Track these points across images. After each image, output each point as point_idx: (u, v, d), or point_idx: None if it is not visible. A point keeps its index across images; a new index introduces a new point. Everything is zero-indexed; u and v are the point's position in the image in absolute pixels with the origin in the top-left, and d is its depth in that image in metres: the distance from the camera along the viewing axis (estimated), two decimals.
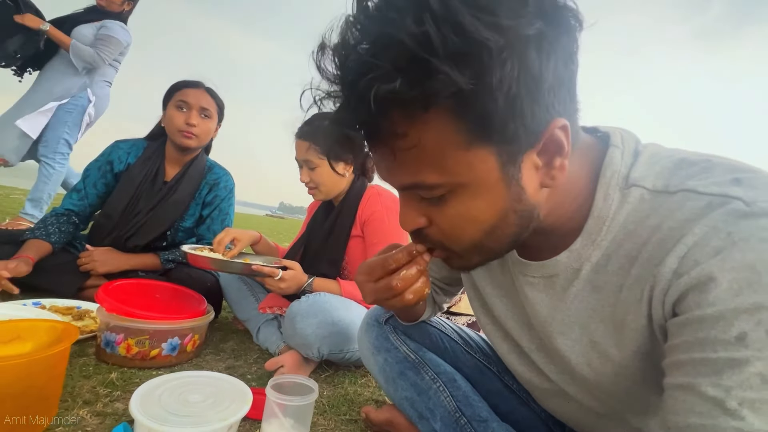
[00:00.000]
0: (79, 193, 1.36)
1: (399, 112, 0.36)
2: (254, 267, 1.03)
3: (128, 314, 0.92)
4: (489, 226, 0.41)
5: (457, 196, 0.40)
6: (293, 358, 1.00)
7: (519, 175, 0.39)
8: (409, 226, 0.45)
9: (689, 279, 0.34)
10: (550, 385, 0.56)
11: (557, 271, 0.47)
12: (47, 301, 1.15)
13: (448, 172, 0.38)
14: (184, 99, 1.34)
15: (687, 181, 0.38)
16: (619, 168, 0.43)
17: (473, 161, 0.37)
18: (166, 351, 0.95)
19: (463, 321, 1.76)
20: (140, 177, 1.36)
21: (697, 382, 0.33)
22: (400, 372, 0.77)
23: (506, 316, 0.58)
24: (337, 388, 1.00)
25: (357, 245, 1.21)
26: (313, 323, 0.97)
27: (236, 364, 1.06)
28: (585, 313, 0.46)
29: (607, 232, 0.43)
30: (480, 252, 0.44)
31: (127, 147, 1.41)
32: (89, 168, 1.38)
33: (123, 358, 0.91)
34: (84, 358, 0.93)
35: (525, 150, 0.38)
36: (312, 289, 1.11)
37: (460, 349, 0.81)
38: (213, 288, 1.31)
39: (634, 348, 0.42)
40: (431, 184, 0.39)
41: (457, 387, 0.72)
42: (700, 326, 0.33)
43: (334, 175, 1.20)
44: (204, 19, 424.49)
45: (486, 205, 0.40)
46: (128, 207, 1.35)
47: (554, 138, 0.38)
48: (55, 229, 1.27)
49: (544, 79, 0.35)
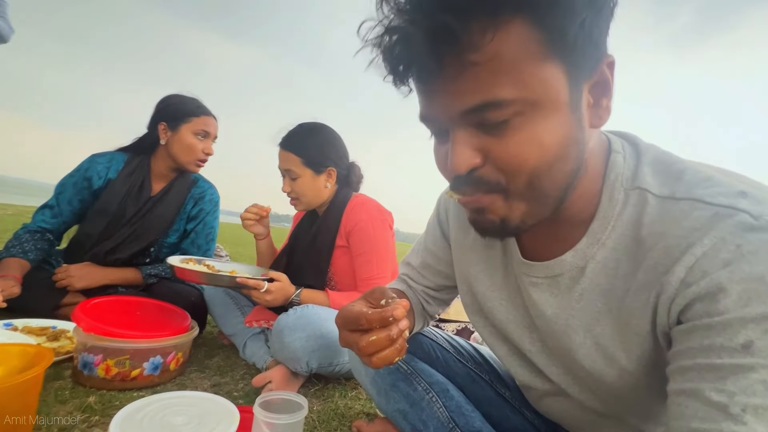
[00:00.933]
0: (52, 210, 1.30)
1: (478, 21, 0.35)
2: (239, 280, 1.00)
3: (107, 333, 0.88)
4: (553, 155, 0.39)
5: (524, 118, 0.37)
6: (281, 373, 0.98)
7: (581, 102, 0.39)
8: (464, 166, 0.40)
9: (698, 288, 0.35)
10: (551, 386, 0.56)
11: (562, 270, 0.48)
12: (19, 322, 1.09)
13: (523, 85, 0.36)
14: (206, 129, 1.35)
15: (693, 189, 0.39)
16: (622, 170, 0.44)
17: (547, 77, 0.37)
18: (147, 371, 0.91)
19: (453, 328, 1.76)
20: (123, 191, 1.31)
21: (701, 388, 0.33)
22: (392, 384, 0.75)
23: (507, 320, 0.57)
24: (327, 403, 0.98)
25: (342, 255, 1.19)
26: (301, 337, 0.95)
27: (222, 381, 1.02)
28: (590, 316, 0.46)
29: (612, 230, 0.44)
30: (531, 194, 0.41)
31: (106, 161, 1.35)
32: (64, 184, 1.32)
33: (102, 380, 0.87)
34: (60, 382, 0.88)
35: (585, 78, 0.39)
36: (300, 301, 1.08)
37: (452, 358, 0.80)
38: (197, 302, 1.27)
39: (639, 353, 0.43)
40: (505, 99, 0.36)
41: (450, 397, 0.71)
42: (706, 333, 0.34)
43: (316, 186, 1.19)
44: (186, 26, 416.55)
45: (553, 127, 0.38)
46: (111, 223, 1.30)
47: (604, 74, 0.40)
48: (31, 247, 1.22)
49: (606, 10, 0.37)
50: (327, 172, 1.20)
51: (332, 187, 1.23)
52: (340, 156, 1.23)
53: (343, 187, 1.26)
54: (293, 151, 1.17)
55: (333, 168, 1.20)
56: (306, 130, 1.21)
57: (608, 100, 0.41)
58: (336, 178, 1.22)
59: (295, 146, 1.17)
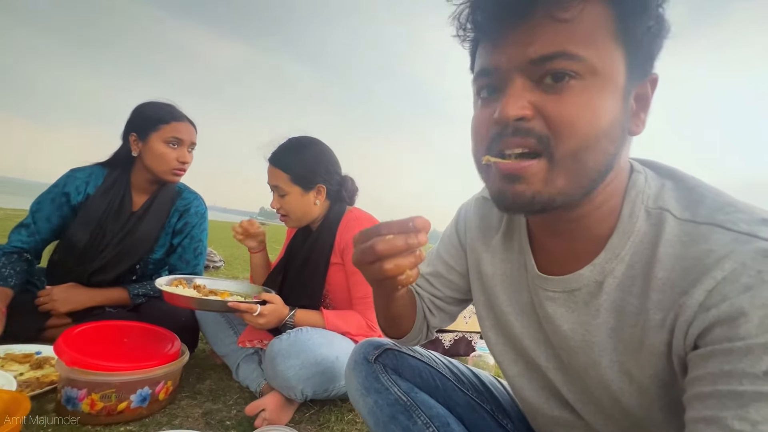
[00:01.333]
0: (28, 229, 1.24)
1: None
2: (230, 304, 0.97)
3: (91, 366, 0.84)
4: (602, 128, 0.40)
5: (584, 83, 0.40)
6: (275, 401, 0.95)
7: (629, 99, 0.42)
8: (516, 111, 0.40)
9: (718, 312, 0.35)
10: (562, 411, 0.55)
11: (579, 285, 0.47)
12: (1, 349, 1.05)
13: (595, 51, 0.39)
14: (177, 136, 1.26)
15: (715, 214, 0.39)
16: (644, 189, 0.45)
17: (614, 54, 0.40)
18: (135, 403, 0.87)
19: (450, 337, 1.74)
20: (102, 207, 1.26)
21: (723, 416, 0.32)
22: (392, 416, 0.72)
23: (522, 335, 0.56)
24: (322, 429, 0.95)
25: (337, 272, 1.16)
26: (294, 365, 0.92)
27: (214, 408, 0.99)
28: (605, 333, 0.46)
29: (630, 246, 0.44)
30: (573, 166, 0.41)
31: (85, 176, 1.29)
32: (41, 201, 1.26)
33: (87, 415, 0.83)
34: (42, 417, 0.84)
35: (635, 81, 0.42)
36: (294, 323, 1.05)
37: (452, 386, 0.78)
38: (188, 322, 1.23)
39: (652, 372, 0.42)
40: (578, 54, 0.39)
41: (451, 431, 0.68)
42: (727, 359, 0.33)
43: (305, 203, 1.16)
44: (178, 22, 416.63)
45: (608, 103, 0.40)
46: (91, 241, 1.24)
47: (646, 88, 0.43)
48: (10, 271, 1.16)
49: (664, 33, 0.41)
50: (316, 189, 1.16)
51: (323, 204, 1.20)
52: (330, 172, 1.19)
53: (336, 202, 1.22)
54: (281, 168, 1.13)
55: (322, 185, 1.17)
56: (295, 146, 1.17)
57: (645, 114, 0.44)
58: (327, 194, 1.19)
59: (282, 162, 1.14)
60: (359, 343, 0.81)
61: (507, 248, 0.59)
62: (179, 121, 1.28)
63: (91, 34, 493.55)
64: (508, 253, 0.58)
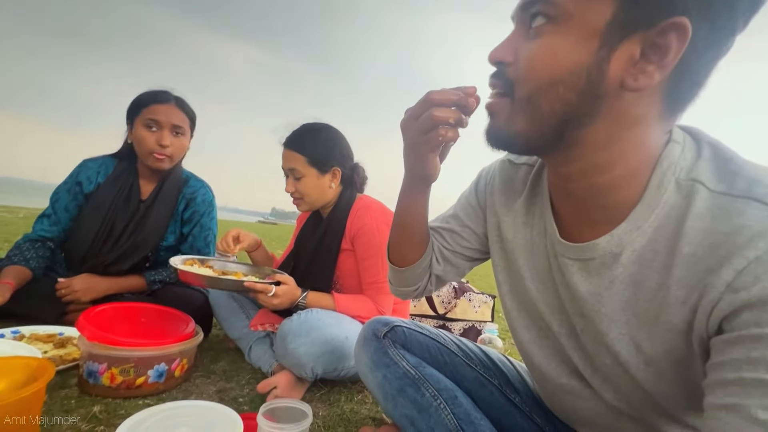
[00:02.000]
0: (49, 219, 1.29)
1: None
2: (246, 284, 0.99)
3: (111, 342, 0.87)
4: (558, 75, 0.40)
5: (557, 28, 0.40)
6: (286, 379, 0.97)
7: (616, 46, 0.38)
8: (496, 54, 0.44)
9: (748, 295, 0.33)
10: (570, 378, 0.55)
11: (594, 254, 0.46)
12: (27, 329, 1.10)
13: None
14: (154, 117, 1.24)
15: (753, 187, 0.36)
16: (677, 160, 0.42)
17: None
18: (152, 378, 0.90)
19: (460, 327, 1.74)
20: (111, 197, 1.29)
21: (747, 404, 0.31)
22: (400, 389, 0.74)
23: (537, 300, 0.56)
24: (332, 408, 0.97)
25: (348, 258, 1.18)
26: (305, 343, 0.93)
27: (228, 387, 1.02)
28: (618, 305, 0.45)
29: (655, 219, 0.42)
30: (529, 109, 0.42)
31: (96, 166, 1.33)
32: (58, 191, 1.31)
33: (107, 388, 0.87)
34: (66, 390, 0.88)
35: (636, 28, 0.37)
36: (306, 304, 1.07)
37: (461, 362, 0.78)
38: (202, 306, 1.26)
39: (666, 348, 0.41)
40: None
41: (459, 404, 0.69)
42: (754, 345, 0.32)
43: (320, 186, 1.17)
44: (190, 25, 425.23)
45: (571, 47, 0.39)
46: (101, 230, 1.27)
47: (665, 38, 0.36)
48: (33, 254, 1.21)
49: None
50: (332, 171, 1.18)
51: (336, 188, 1.21)
52: (344, 156, 1.21)
53: (348, 188, 1.23)
54: (297, 150, 1.14)
55: (338, 168, 1.18)
56: (310, 130, 1.19)
57: (657, 68, 0.37)
58: (341, 179, 1.20)
59: (299, 145, 1.15)
60: (369, 320, 0.82)
61: (528, 212, 0.58)
62: (161, 103, 1.25)
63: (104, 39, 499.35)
64: (529, 217, 0.58)
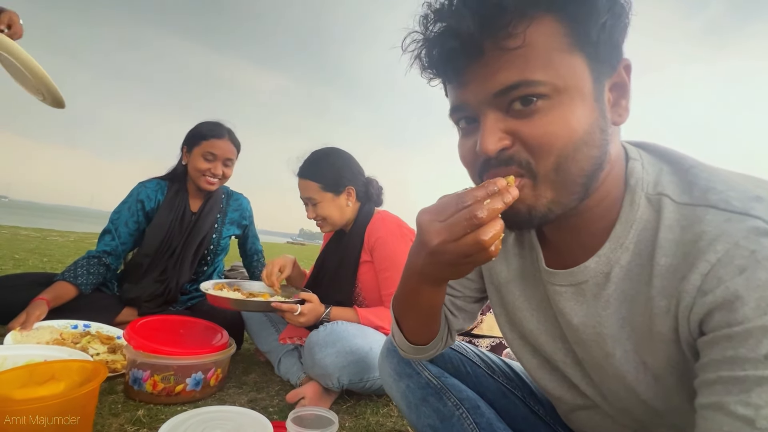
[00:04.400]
0: (110, 234, 1.44)
1: (516, 14, 0.39)
2: (273, 305, 1.04)
3: (154, 351, 0.94)
4: (579, 137, 0.40)
5: (551, 102, 0.40)
6: (314, 389, 1.00)
7: (603, 96, 0.42)
8: (495, 144, 0.41)
9: (714, 297, 0.34)
10: (584, 400, 0.55)
11: (586, 277, 0.47)
12: (95, 325, 1.24)
13: (553, 70, 0.40)
14: (213, 152, 1.45)
15: (708, 194, 0.39)
16: (642, 176, 0.45)
17: (574, 66, 0.40)
18: (190, 386, 0.96)
19: (487, 343, 1.71)
20: (171, 216, 1.46)
21: (726, 401, 0.33)
22: (423, 398, 0.75)
23: (538, 331, 0.56)
24: (359, 419, 0.99)
25: (368, 271, 1.21)
26: (331, 353, 0.97)
27: (258, 397, 1.06)
28: (617, 323, 0.45)
29: (634, 234, 0.44)
30: (558, 178, 0.41)
31: (153, 186, 1.51)
32: (119, 210, 1.47)
33: (150, 394, 0.93)
34: (113, 396, 0.96)
35: (606, 75, 0.42)
36: (329, 319, 1.11)
37: (483, 373, 0.79)
38: (235, 320, 1.33)
39: (665, 361, 0.42)
40: (537, 80, 0.39)
41: (481, 414, 0.69)
42: (727, 345, 0.33)
43: (338, 207, 1.23)
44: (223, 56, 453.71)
45: (580, 112, 0.40)
46: (162, 245, 1.44)
47: (622, 76, 0.43)
48: (83, 272, 1.33)
49: (626, 13, 0.41)
50: (346, 191, 1.24)
51: (354, 205, 1.27)
52: (354, 174, 1.27)
53: (366, 203, 1.29)
54: (310, 178, 1.21)
55: (351, 186, 1.24)
56: (319, 156, 1.26)
57: (626, 101, 0.44)
58: (356, 196, 1.26)
59: (311, 173, 1.22)
60: (391, 333, 0.84)
61: (519, 243, 0.59)
62: (218, 138, 1.47)
63: (144, 73, 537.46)
64: (520, 248, 0.58)
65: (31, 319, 1.09)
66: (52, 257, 3.27)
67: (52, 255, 3.40)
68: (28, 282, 1.28)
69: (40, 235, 5.26)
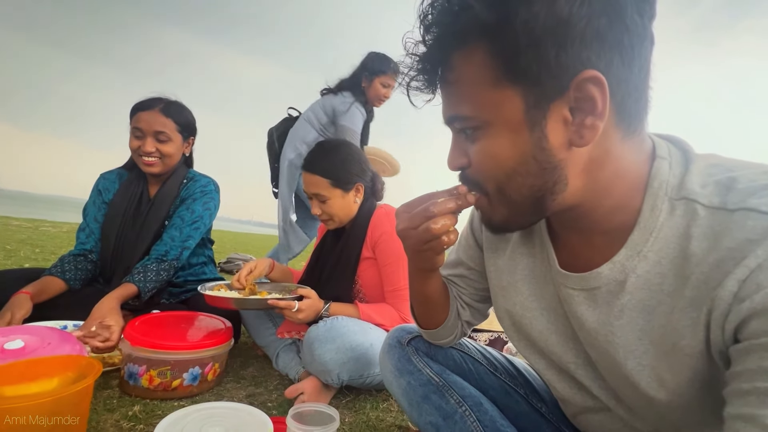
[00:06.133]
0: (84, 231, 1.38)
1: (453, 48, 0.41)
2: (270, 302, 1.02)
3: (150, 345, 0.92)
4: (509, 168, 0.43)
5: (485, 133, 0.43)
6: (313, 385, 0.99)
7: (544, 122, 0.40)
8: (453, 164, 0.48)
9: (752, 304, 0.33)
10: (593, 402, 0.54)
11: (599, 283, 0.46)
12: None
13: (478, 106, 0.42)
14: (137, 125, 1.29)
15: (748, 198, 0.36)
16: (667, 178, 0.42)
17: (500, 100, 0.41)
18: (187, 381, 0.95)
19: (485, 338, 1.71)
20: (125, 204, 1.36)
21: (761, 414, 0.31)
22: (424, 396, 0.74)
23: (548, 330, 0.55)
24: (358, 414, 0.98)
25: (369, 267, 1.19)
26: (331, 349, 0.95)
27: (257, 392, 1.05)
28: (633, 334, 0.44)
29: (654, 242, 0.41)
30: (504, 200, 0.45)
31: (113, 177, 1.43)
32: (86, 206, 1.41)
33: (145, 389, 0.92)
34: (108, 391, 0.94)
35: (553, 98, 0.39)
36: (329, 314, 1.09)
37: (485, 370, 0.78)
38: (231, 314, 1.31)
39: (690, 375, 0.40)
40: (465, 115, 0.43)
41: (484, 411, 0.69)
42: (764, 354, 0.32)
43: (346, 204, 1.18)
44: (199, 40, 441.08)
45: (508, 145, 0.42)
46: (119, 235, 1.34)
47: (585, 91, 0.38)
48: (71, 267, 1.28)
49: (573, 25, 0.36)
50: (355, 188, 1.19)
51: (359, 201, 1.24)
52: (363, 170, 1.22)
53: (368, 198, 1.25)
54: (320, 174, 1.15)
55: (360, 183, 1.20)
56: (328, 150, 1.19)
57: (594, 118, 0.39)
58: (363, 193, 1.22)
59: (320, 168, 1.15)
60: (393, 328, 0.83)
61: (526, 242, 0.58)
62: (144, 110, 1.29)
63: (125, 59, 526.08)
64: (528, 247, 0.57)
65: (16, 317, 1.02)
66: (45, 248, 3.22)
67: (45, 246, 3.35)
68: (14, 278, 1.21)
69: (32, 226, 5.18)
